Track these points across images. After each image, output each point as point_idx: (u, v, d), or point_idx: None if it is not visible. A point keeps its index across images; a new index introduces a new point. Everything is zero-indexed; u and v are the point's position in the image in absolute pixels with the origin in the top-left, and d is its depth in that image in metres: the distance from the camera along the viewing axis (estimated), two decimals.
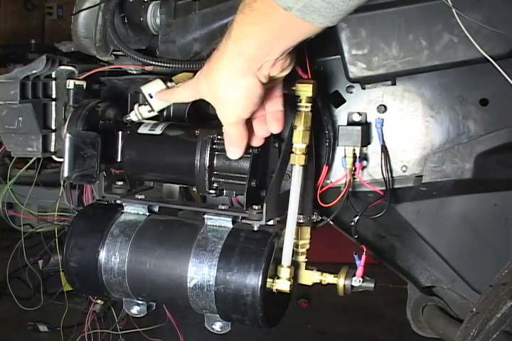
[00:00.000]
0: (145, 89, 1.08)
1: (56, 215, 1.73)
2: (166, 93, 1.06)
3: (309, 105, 1.02)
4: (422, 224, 1.24)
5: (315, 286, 1.11)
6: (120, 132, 1.16)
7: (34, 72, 1.19)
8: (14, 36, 4.49)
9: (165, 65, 1.11)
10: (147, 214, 1.10)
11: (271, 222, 1.03)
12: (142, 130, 1.11)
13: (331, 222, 1.18)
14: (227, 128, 0.95)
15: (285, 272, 1.01)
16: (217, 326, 1.06)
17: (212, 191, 1.06)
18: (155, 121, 1.13)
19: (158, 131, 1.09)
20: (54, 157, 1.27)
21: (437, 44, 1.00)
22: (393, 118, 1.15)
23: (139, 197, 1.11)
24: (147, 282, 1.04)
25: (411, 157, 1.15)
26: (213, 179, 1.05)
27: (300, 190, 1.01)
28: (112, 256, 1.06)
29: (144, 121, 1.12)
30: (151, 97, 1.07)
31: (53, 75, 1.25)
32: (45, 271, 3.05)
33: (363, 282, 1.06)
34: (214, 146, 1.03)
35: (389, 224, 1.28)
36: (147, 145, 1.10)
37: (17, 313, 2.99)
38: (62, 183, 1.42)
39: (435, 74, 1.10)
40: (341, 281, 1.06)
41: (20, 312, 2.87)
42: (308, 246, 1.14)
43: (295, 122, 1.02)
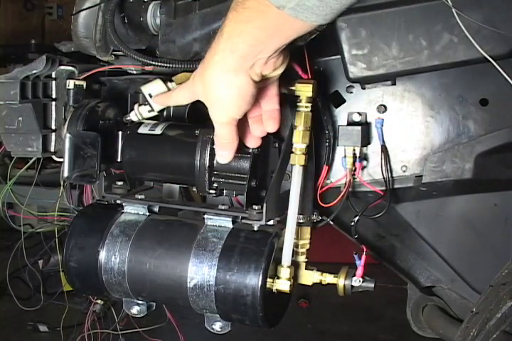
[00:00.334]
0: (145, 89, 1.08)
1: (56, 215, 1.73)
2: (164, 96, 1.06)
3: (309, 105, 1.02)
4: (422, 224, 1.24)
5: (315, 286, 1.11)
6: (120, 132, 1.16)
7: (34, 72, 1.19)
8: (14, 36, 4.49)
9: (165, 65, 1.11)
10: (147, 214, 1.10)
11: (271, 222, 1.03)
12: (142, 130, 1.11)
13: (331, 222, 1.18)
14: (218, 128, 0.94)
15: (285, 272, 1.01)
16: (217, 326, 1.06)
17: (212, 191, 1.06)
18: (155, 121, 1.13)
19: (158, 131, 1.09)
20: (54, 157, 1.27)
21: (437, 44, 1.00)
22: (393, 118, 1.15)
23: (139, 197, 1.11)
24: (147, 282, 1.04)
25: (411, 157, 1.15)
26: (213, 179, 1.05)
27: (300, 190, 1.01)
28: (112, 256, 1.06)
29: (144, 121, 1.12)
30: (151, 97, 1.08)
31: (53, 75, 1.25)
32: (45, 271, 3.05)
33: (363, 282, 1.06)
34: (214, 146, 1.03)
35: (389, 224, 1.28)
36: (147, 145, 1.10)
37: (17, 313, 2.99)
38: (62, 183, 1.42)
39: (435, 74, 1.10)
40: (341, 281, 1.06)
41: (20, 312, 2.87)
42: (308, 246, 1.14)
43: (295, 122, 1.02)
